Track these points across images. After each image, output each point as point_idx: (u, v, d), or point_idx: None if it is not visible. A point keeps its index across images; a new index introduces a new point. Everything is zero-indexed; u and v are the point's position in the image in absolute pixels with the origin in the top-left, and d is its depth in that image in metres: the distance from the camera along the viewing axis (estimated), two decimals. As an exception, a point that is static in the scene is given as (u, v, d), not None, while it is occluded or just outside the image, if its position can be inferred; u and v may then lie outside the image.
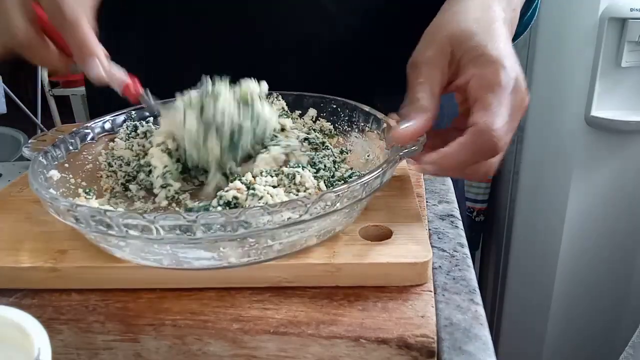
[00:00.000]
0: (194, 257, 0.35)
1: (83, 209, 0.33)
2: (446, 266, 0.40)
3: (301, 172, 0.40)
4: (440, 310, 0.35)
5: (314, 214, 0.33)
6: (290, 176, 0.39)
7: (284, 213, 0.33)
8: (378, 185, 0.37)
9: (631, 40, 0.93)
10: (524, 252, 1.19)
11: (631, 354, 0.80)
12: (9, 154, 1.73)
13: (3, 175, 0.63)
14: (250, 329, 0.33)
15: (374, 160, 0.47)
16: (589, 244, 1.10)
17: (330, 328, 0.33)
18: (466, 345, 0.32)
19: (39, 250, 0.39)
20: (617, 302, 1.14)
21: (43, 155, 0.43)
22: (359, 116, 0.50)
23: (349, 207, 0.35)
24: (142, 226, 0.32)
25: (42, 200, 0.36)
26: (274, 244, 0.35)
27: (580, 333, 1.18)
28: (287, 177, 0.40)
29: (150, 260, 0.36)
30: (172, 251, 0.34)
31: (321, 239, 0.37)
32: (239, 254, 0.35)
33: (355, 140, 0.51)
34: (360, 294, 0.35)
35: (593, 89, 0.97)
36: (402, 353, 0.32)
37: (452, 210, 0.50)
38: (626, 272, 1.12)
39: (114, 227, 0.32)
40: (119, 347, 0.35)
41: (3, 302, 0.36)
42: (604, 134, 1.01)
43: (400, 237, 0.38)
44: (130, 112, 0.52)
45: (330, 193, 0.33)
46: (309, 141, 0.47)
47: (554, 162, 1.08)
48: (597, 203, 1.07)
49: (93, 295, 0.37)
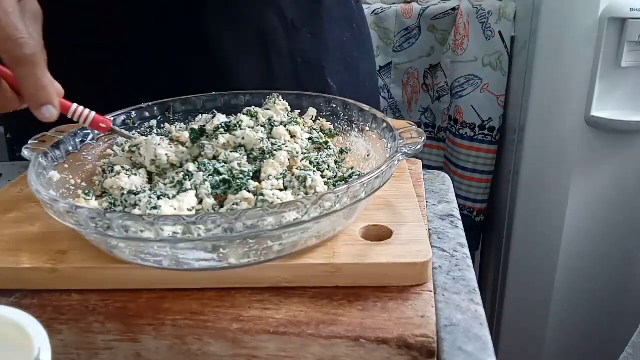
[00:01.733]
0: (194, 259, 0.35)
1: (83, 210, 0.33)
2: (446, 266, 0.40)
3: (312, 175, 0.40)
4: (440, 310, 0.35)
5: (313, 215, 0.33)
6: (301, 179, 0.39)
7: (284, 214, 0.33)
8: (378, 185, 0.37)
9: (631, 40, 0.93)
10: (524, 252, 1.19)
11: (631, 354, 0.80)
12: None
13: (3, 175, 0.63)
14: (250, 329, 0.33)
15: (374, 160, 0.47)
16: (589, 243, 1.10)
17: (330, 328, 0.33)
18: (466, 345, 0.32)
19: (39, 251, 0.39)
20: (617, 302, 1.14)
21: (43, 156, 0.43)
22: (359, 115, 0.50)
23: (348, 208, 0.35)
24: (142, 228, 0.32)
25: (42, 201, 0.36)
26: (274, 244, 0.35)
27: (580, 333, 1.18)
28: (298, 179, 0.40)
29: (150, 262, 0.36)
30: (171, 252, 0.34)
31: (321, 239, 0.37)
32: (239, 255, 0.35)
33: (355, 139, 0.51)
34: (360, 294, 0.35)
35: (593, 89, 0.97)
36: (402, 353, 0.32)
37: (452, 210, 0.50)
38: (626, 272, 1.12)
39: (114, 228, 0.32)
40: (119, 347, 0.35)
41: (3, 302, 0.36)
42: (604, 134, 1.01)
43: (400, 237, 0.38)
44: (129, 112, 0.52)
45: (331, 194, 0.33)
46: (312, 141, 0.47)
47: (554, 162, 1.08)
48: (597, 203, 1.07)
49: (93, 295, 0.37)
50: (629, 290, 1.13)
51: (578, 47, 0.97)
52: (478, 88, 1.16)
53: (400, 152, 0.40)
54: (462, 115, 1.20)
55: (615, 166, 1.04)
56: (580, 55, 0.97)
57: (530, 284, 1.19)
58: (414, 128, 0.44)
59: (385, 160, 0.38)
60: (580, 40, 0.96)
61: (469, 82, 1.17)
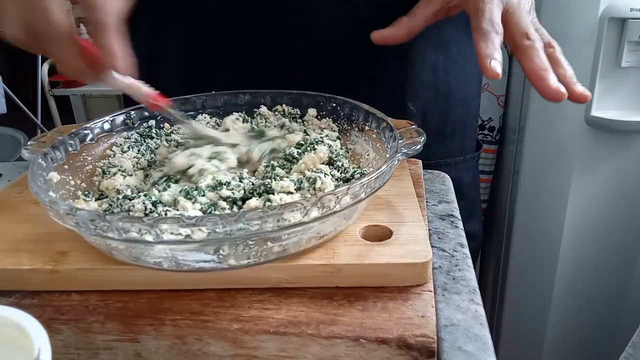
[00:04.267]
0: (194, 260, 0.35)
1: (82, 212, 0.33)
2: (446, 266, 0.40)
3: (322, 178, 0.40)
4: (440, 310, 0.35)
5: (314, 215, 0.33)
6: (312, 180, 0.40)
7: (284, 215, 0.33)
8: (378, 185, 0.37)
9: (631, 40, 0.92)
10: (524, 252, 1.19)
11: (631, 354, 0.80)
12: (9, 154, 1.73)
13: (3, 176, 0.63)
14: (250, 329, 0.33)
15: (373, 160, 0.47)
16: (589, 243, 1.10)
17: (330, 328, 0.33)
18: (466, 345, 0.32)
19: (39, 252, 0.39)
20: (617, 302, 1.14)
21: (42, 157, 0.43)
22: (359, 115, 0.50)
23: (348, 209, 0.35)
24: (142, 229, 0.32)
25: (41, 203, 0.36)
26: (274, 245, 0.35)
27: (580, 333, 1.18)
28: (308, 180, 0.40)
29: (150, 263, 0.36)
30: (171, 254, 0.34)
31: (322, 240, 0.37)
32: (239, 256, 0.35)
33: (355, 139, 0.51)
34: (360, 294, 0.35)
35: (593, 89, 0.97)
36: (402, 353, 0.32)
37: (452, 210, 0.50)
38: (626, 271, 1.12)
39: (113, 230, 0.32)
40: (119, 347, 0.35)
41: (3, 302, 0.36)
42: (604, 134, 1.01)
43: (400, 237, 0.38)
44: (129, 112, 0.52)
45: (330, 195, 0.33)
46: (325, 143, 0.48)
47: (554, 162, 1.07)
48: (597, 203, 1.07)
49: (93, 295, 0.37)
50: (629, 290, 1.13)
51: (578, 47, 0.97)
52: (478, 88, 1.16)
53: (400, 152, 0.40)
54: (462, 115, 1.20)
55: (615, 166, 1.04)
56: (580, 55, 0.97)
57: (530, 284, 1.19)
58: (414, 128, 0.44)
59: (385, 161, 0.38)
60: (580, 40, 0.96)
61: (469, 82, 1.17)
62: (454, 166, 0.67)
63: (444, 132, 0.66)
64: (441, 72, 0.64)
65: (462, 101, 0.67)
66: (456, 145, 0.68)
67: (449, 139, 0.67)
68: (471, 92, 0.70)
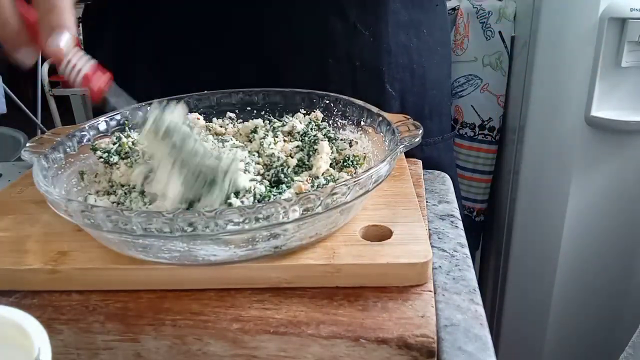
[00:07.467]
0: (210, 253, 0.35)
1: (99, 209, 0.33)
2: (446, 266, 0.40)
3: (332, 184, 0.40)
4: (440, 310, 0.35)
5: (319, 210, 0.33)
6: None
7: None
8: (384, 175, 0.37)
9: (631, 40, 0.92)
10: (524, 252, 1.19)
11: (631, 354, 0.80)
12: (9, 154, 1.73)
13: (3, 176, 0.63)
14: (250, 329, 0.33)
15: (370, 155, 0.47)
16: (589, 243, 1.10)
17: (330, 328, 0.33)
18: (466, 345, 0.32)
19: (39, 251, 0.39)
20: (617, 302, 1.14)
21: (44, 158, 0.43)
22: (353, 111, 0.50)
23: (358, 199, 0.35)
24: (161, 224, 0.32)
25: (51, 202, 0.35)
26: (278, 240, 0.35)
27: (580, 333, 1.18)
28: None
29: (164, 258, 0.36)
30: (188, 247, 0.34)
31: (321, 237, 0.37)
32: (248, 249, 0.35)
33: (350, 135, 0.51)
34: (360, 294, 0.35)
35: (593, 89, 0.97)
36: (402, 353, 0.32)
37: (452, 210, 0.50)
38: (626, 272, 1.11)
39: (133, 226, 0.32)
40: (119, 347, 0.35)
41: (3, 302, 0.36)
42: (604, 134, 1.01)
43: (400, 237, 0.38)
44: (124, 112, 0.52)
45: (342, 186, 0.33)
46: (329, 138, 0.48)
47: (554, 162, 1.07)
48: (597, 203, 1.07)
49: (93, 295, 0.37)
50: (629, 290, 1.13)
51: (578, 47, 0.97)
52: (478, 88, 1.16)
53: (402, 145, 0.40)
54: (462, 115, 1.20)
55: (615, 166, 1.04)
56: (580, 55, 0.97)
57: (530, 284, 1.19)
58: (411, 121, 0.44)
59: (386, 155, 0.38)
60: (580, 40, 0.96)
61: (469, 82, 1.17)
62: (434, 145, 0.69)
63: (423, 113, 0.68)
64: (415, 54, 0.65)
65: (436, 82, 0.69)
66: (434, 125, 0.70)
67: (427, 119, 0.68)
68: (444, 73, 0.72)
